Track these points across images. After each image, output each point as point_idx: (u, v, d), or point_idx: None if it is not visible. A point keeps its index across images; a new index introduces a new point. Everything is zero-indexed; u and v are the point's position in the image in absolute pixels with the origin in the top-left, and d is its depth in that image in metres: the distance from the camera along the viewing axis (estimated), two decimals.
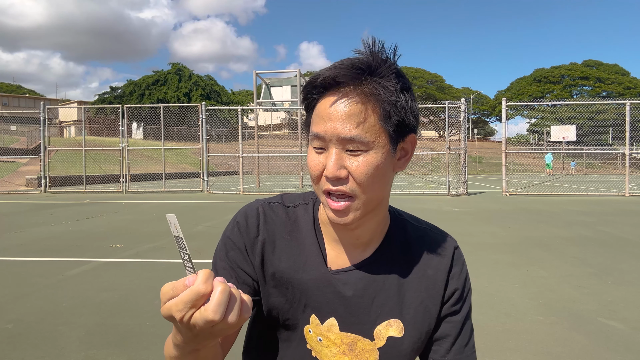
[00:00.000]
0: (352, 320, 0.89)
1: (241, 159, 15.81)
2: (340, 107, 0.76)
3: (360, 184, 0.79)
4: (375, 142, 0.78)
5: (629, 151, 14.43)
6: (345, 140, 0.77)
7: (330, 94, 0.78)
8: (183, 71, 58.25)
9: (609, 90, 59.59)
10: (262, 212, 0.93)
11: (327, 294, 0.89)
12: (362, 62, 0.78)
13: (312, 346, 0.90)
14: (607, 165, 37.63)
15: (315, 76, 0.79)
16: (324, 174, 0.79)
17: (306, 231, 0.92)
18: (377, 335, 0.89)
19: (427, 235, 0.97)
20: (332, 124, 0.77)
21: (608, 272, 4.59)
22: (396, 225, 0.95)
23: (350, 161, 0.78)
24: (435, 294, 0.92)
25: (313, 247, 0.91)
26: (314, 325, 0.90)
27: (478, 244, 6.12)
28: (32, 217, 9.05)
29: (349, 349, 0.88)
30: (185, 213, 9.75)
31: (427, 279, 0.92)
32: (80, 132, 20.41)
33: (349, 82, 0.77)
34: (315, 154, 0.81)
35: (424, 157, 32.85)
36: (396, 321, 0.89)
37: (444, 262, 0.94)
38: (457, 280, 0.95)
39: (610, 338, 2.92)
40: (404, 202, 11.38)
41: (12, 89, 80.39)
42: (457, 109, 15.32)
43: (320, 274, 0.89)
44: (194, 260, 0.62)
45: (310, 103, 0.82)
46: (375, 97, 0.77)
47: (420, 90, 66.93)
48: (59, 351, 2.72)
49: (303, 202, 0.96)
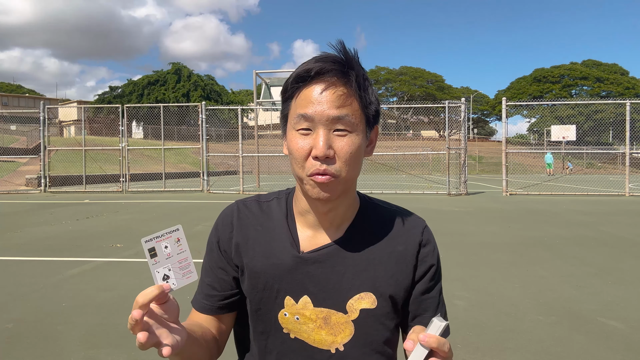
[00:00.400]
0: (324, 295, 0.94)
1: (241, 159, 15.81)
2: (330, 93, 0.85)
3: (345, 161, 0.87)
4: (358, 126, 0.88)
5: (629, 151, 14.43)
6: (335, 120, 0.86)
7: (313, 82, 0.87)
8: (182, 71, 58.23)
9: (609, 90, 59.59)
10: (236, 210, 1.03)
11: (297, 274, 0.95)
12: (339, 56, 0.88)
13: (290, 329, 0.95)
14: (607, 165, 37.62)
15: (306, 68, 0.87)
16: (313, 154, 0.86)
17: (278, 221, 1.00)
18: (349, 308, 0.94)
19: (397, 215, 1.03)
20: (321, 107, 0.85)
21: (608, 272, 4.59)
22: (366, 207, 1.02)
23: (337, 141, 0.86)
24: (405, 268, 0.97)
25: (284, 234, 0.98)
26: (289, 306, 0.95)
27: (478, 243, 6.13)
28: (32, 217, 9.04)
29: (325, 323, 0.94)
30: (185, 213, 9.75)
31: (397, 254, 0.98)
32: (80, 131, 20.41)
33: (335, 74, 0.86)
34: (300, 137, 0.88)
35: (424, 157, 32.84)
36: (368, 294, 0.95)
37: (413, 238, 1.00)
38: (431, 257, 1.00)
39: (610, 338, 2.92)
40: (404, 202, 11.36)
41: (12, 88, 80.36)
42: (457, 109, 15.31)
43: (290, 257, 0.95)
44: (196, 260, 0.65)
45: (292, 93, 0.90)
46: (357, 87, 0.87)
47: (420, 90, 66.92)
48: (59, 351, 2.72)
49: (277, 196, 1.05)
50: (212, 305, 1.01)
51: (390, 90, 71.62)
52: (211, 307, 1.01)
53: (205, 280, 1.03)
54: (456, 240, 6.27)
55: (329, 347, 0.94)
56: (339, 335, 0.94)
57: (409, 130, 58.72)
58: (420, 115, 58.59)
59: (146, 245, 0.68)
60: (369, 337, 0.95)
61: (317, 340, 0.94)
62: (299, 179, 0.92)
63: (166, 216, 9.22)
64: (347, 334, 0.94)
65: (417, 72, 69.27)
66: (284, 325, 0.95)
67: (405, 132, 55.59)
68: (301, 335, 0.95)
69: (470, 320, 3.21)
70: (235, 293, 1.01)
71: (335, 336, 0.94)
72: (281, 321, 0.95)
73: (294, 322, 0.95)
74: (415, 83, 67.96)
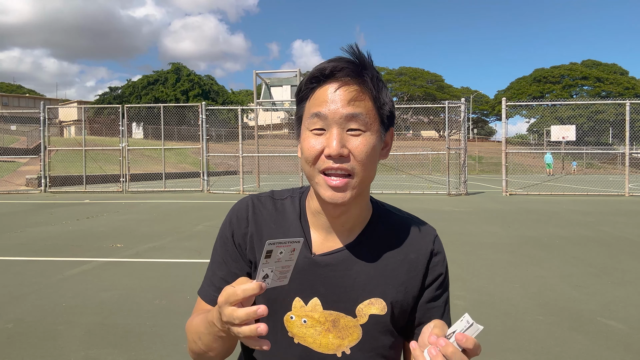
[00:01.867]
0: (334, 298, 0.94)
1: (241, 159, 15.81)
2: (343, 92, 0.85)
3: (360, 161, 0.86)
4: (372, 126, 0.87)
5: (628, 151, 14.43)
6: (349, 118, 0.85)
7: (327, 82, 0.86)
8: (182, 70, 58.24)
9: (609, 90, 59.58)
10: (251, 205, 1.01)
11: (309, 276, 0.94)
12: (353, 56, 0.87)
13: (295, 333, 0.94)
14: (607, 165, 37.63)
15: (320, 67, 0.87)
16: (326, 153, 0.85)
17: (292, 220, 0.99)
18: (359, 313, 0.94)
19: (409, 223, 1.02)
20: (335, 105, 0.85)
21: (608, 272, 4.59)
22: (379, 213, 1.01)
23: (351, 140, 0.86)
24: (415, 276, 0.97)
25: (297, 234, 0.97)
26: (297, 308, 0.94)
27: (478, 243, 6.13)
28: (32, 217, 9.05)
29: (333, 326, 0.93)
30: (186, 213, 9.75)
31: (409, 262, 0.97)
32: (80, 131, 20.41)
33: (349, 74, 0.86)
34: (313, 137, 0.87)
35: (424, 157, 32.85)
36: (378, 300, 0.94)
37: (425, 247, 0.99)
38: (441, 266, 1.00)
39: (610, 338, 2.92)
40: (404, 202, 11.38)
41: (13, 88, 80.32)
42: (457, 109, 15.31)
43: (303, 259, 0.94)
44: (200, 260, 0.65)
45: (306, 94, 0.89)
46: (372, 87, 0.87)
47: (420, 90, 66.88)
48: (59, 351, 2.72)
49: (291, 195, 1.04)
50: None
51: (390, 91, 71.11)
52: None
53: (219, 274, 1.01)
54: (456, 240, 6.27)
55: (335, 350, 0.93)
56: (347, 338, 0.93)
57: (409, 130, 58.74)
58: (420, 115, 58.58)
59: (268, 247, 0.71)
60: (375, 342, 0.94)
61: (323, 344, 0.93)
62: (310, 179, 0.91)
63: (166, 216, 9.22)
64: (355, 337, 0.94)
65: (417, 72, 69.24)
66: (289, 329, 0.94)
67: (405, 132, 55.59)
68: (305, 341, 0.93)
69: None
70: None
71: (343, 340, 0.93)
72: (286, 325, 0.94)
73: (300, 326, 0.94)
74: (415, 83, 67.95)
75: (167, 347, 2.79)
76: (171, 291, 3.95)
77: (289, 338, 0.95)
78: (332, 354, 0.93)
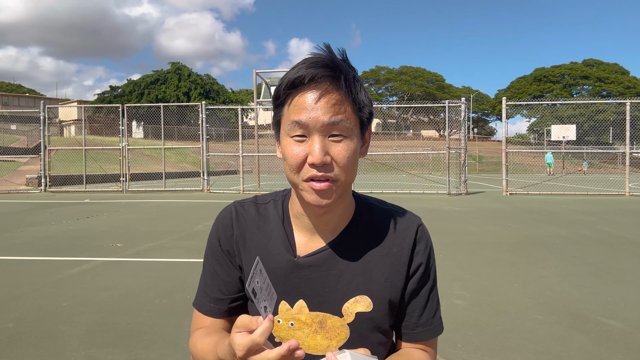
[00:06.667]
0: (319, 299, 0.94)
1: (241, 158, 15.81)
2: (323, 99, 0.85)
3: (343, 167, 0.87)
4: (353, 130, 0.88)
5: (629, 150, 14.42)
6: (331, 126, 0.85)
7: (306, 89, 0.86)
8: (183, 70, 58.23)
9: (609, 89, 59.55)
10: (234, 212, 1.03)
11: (293, 279, 0.95)
12: (330, 61, 0.87)
13: (282, 337, 0.94)
14: (607, 165, 37.62)
15: (299, 75, 0.86)
16: (309, 161, 0.86)
17: (274, 224, 1.00)
18: (345, 312, 0.94)
19: (392, 216, 1.02)
20: (316, 113, 0.84)
21: (608, 272, 4.59)
22: (362, 208, 1.02)
23: (333, 147, 0.86)
24: (400, 270, 0.97)
25: (280, 238, 0.98)
26: (283, 311, 0.95)
27: (478, 243, 6.12)
28: (32, 216, 9.05)
29: (320, 327, 0.94)
30: (186, 212, 9.75)
31: (392, 256, 0.97)
32: (81, 131, 20.40)
33: (327, 79, 0.85)
34: (295, 144, 0.87)
35: (424, 157, 32.84)
36: (363, 297, 0.95)
37: (407, 239, 0.99)
38: (422, 255, 1.00)
39: (610, 337, 2.92)
40: (404, 202, 11.38)
41: (12, 88, 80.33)
42: (457, 108, 15.31)
43: (285, 262, 0.95)
44: (196, 260, 0.65)
45: (285, 99, 0.89)
46: (351, 92, 0.87)
47: (421, 90, 66.88)
48: (59, 350, 2.72)
49: (274, 199, 1.05)
50: (220, 309, 1.01)
51: (390, 90, 71.63)
52: (219, 310, 1.01)
53: (211, 284, 1.02)
54: (456, 240, 6.27)
55: (324, 351, 0.93)
56: (335, 339, 0.94)
57: (409, 129, 58.73)
58: (420, 114, 58.58)
59: (253, 288, 0.74)
60: (363, 339, 0.95)
61: (311, 345, 0.93)
62: (294, 185, 0.91)
63: (166, 216, 9.22)
64: (343, 337, 0.94)
65: (417, 71, 69.26)
66: (276, 333, 0.94)
67: (405, 132, 55.59)
68: None
69: (470, 320, 3.21)
70: (244, 295, 1.02)
71: (331, 340, 0.93)
72: (274, 329, 0.94)
73: (287, 329, 0.93)
74: (415, 82, 67.96)
75: (167, 346, 2.79)
76: (171, 291, 3.95)
77: (277, 344, 0.94)
78: (321, 355, 0.93)
